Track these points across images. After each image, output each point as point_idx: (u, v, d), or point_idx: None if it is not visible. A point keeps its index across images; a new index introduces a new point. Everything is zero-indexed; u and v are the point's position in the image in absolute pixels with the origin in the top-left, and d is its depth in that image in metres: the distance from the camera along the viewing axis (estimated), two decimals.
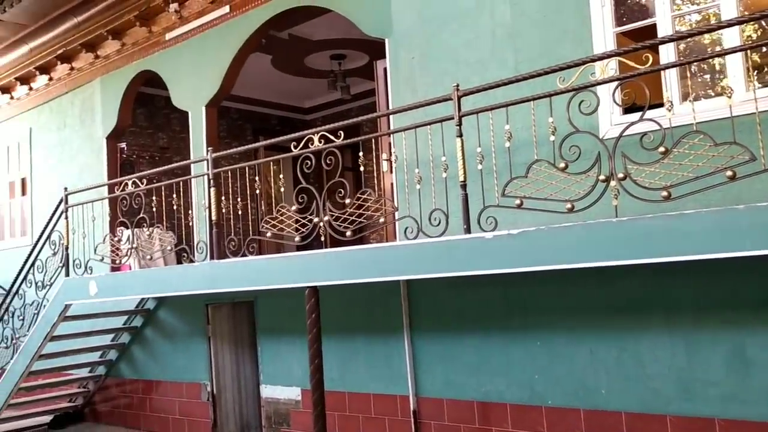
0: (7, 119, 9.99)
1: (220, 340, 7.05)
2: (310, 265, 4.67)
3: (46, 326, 6.89)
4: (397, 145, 4.81)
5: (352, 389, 5.67)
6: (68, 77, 8.83)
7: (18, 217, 9.84)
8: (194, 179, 6.62)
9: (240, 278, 5.18)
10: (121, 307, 7.65)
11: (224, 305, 7.10)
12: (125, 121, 8.21)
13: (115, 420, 7.89)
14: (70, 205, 6.91)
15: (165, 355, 7.42)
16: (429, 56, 5.29)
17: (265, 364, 6.45)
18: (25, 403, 7.83)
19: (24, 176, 9.69)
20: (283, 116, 10.86)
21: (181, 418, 7.14)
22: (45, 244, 7.22)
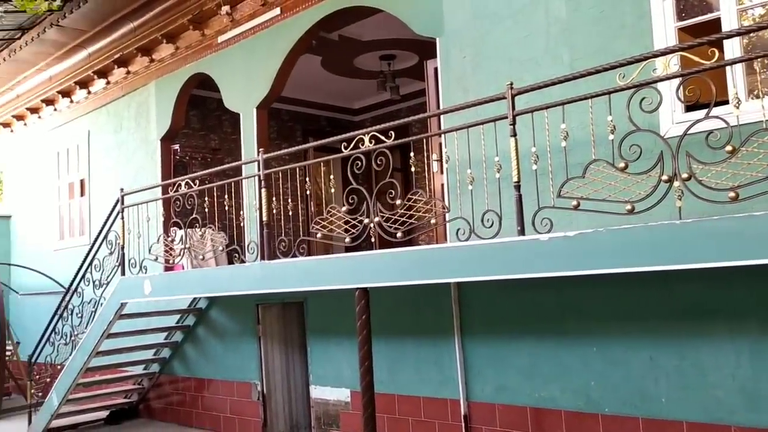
0: (67, 122, 10.30)
1: (270, 340, 7.10)
2: (361, 266, 4.64)
3: (103, 324, 7.06)
4: (448, 146, 4.73)
5: (401, 392, 5.62)
6: (125, 81, 9.04)
7: (77, 218, 10.13)
8: (245, 180, 6.68)
9: (290, 279, 5.19)
10: (174, 306, 7.79)
11: (274, 305, 7.14)
12: (179, 123, 8.35)
13: (169, 417, 8.04)
14: (126, 206, 7.06)
15: (216, 354, 7.51)
16: (481, 55, 5.21)
17: (314, 365, 6.46)
18: (82, 398, 8.05)
19: (83, 178, 9.97)
20: (332, 117, 10.89)
21: (232, 416, 7.22)
22: (102, 243, 7.40)
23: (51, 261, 10.33)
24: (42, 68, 9.58)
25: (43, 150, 10.90)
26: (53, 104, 10.41)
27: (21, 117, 11.21)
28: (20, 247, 11.42)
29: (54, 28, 8.25)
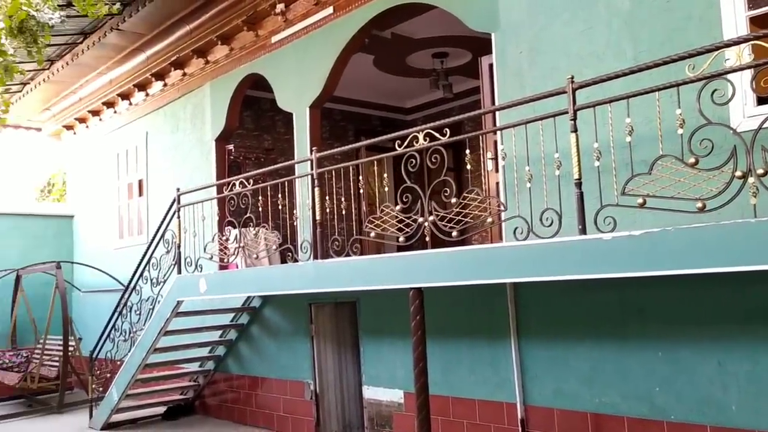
0: (126, 124, 10.56)
1: (323, 339, 7.10)
2: (415, 265, 4.57)
3: (160, 321, 7.19)
4: (505, 143, 4.62)
5: (455, 394, 5.52)
6: (181, 82, 9.20)
7: (135, 217, 10.37)
8: (298, 179, 6.70)
9: (343, 278, 5.16)
10: (229, 305, 7.88)
11: (327, 305, 7.13)
12: (233, 123, 8.45)
13: (223, 414, 8.13)
14: (182, 205, 7.17)
15: (270, 353, 7.56)
16: (538, 50, 5.07)
17: (367, 365, 6.42)
18: (141, 393, 8.22)
19: (141, 178, 10.20)
20: (384, 117, 10.86)
21: (285, 415, 7.25)
22: (159, 242, 7.54)
23: (111, 259, 10.60)
24: (102, 72, 9.84)
25: (104, 151, 11.20)
26: (113, 107, 10.69)
27: (83, 119, 11.55)
28: (82, 246, 11.77)
29: (114, 32, 8.46)
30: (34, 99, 11.12)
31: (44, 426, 8.49)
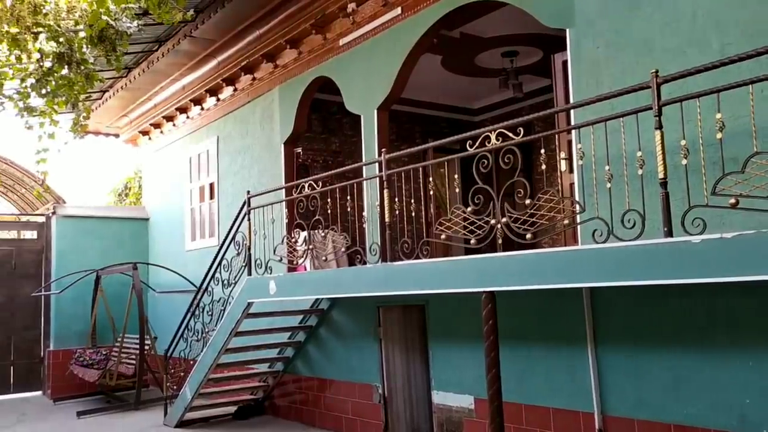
0: (198, 129, 10.83)
1: (391, 342, 7.04)
2: (487, 268, 4.45)
3: (231, 322, 7.30)
4: (582, 141, 4.45)
5: (529, 401, 5.36)
6: (250, 87, 9.36)
7: (207, 220, 10.61)
8: (366, 181, 6.68)
9: (412, 281, 5.08)
10: (298, 307, 7.94)
11: (395, 308, 7.08)
12: (301, 126, 8.52)
13: (292, 415, 8.19)
14: (252, 208, 7.27)
15: (338, 355, 7.56)
16: (616, 45, 4.86)
17: (436, 370, 6.32)
18: (212, 393, 8.38)
19: (212, 181, 10.43)
20: (451, 118, 10.73)
21: (353, 418, 7.23)
22: (230, 244, 7.67)
23: (184, 261, 10.89)
24: (176, 78, 10.12)
25: (177, 156, 11.53)
26: (186, 112, 10.98)
27: (157, 125, 11.91)
28: (157, 248, 12.14)
29: (187, 39, 8.67)
30: (112, 106, 11.55)
31: (122, 422, 8.76)
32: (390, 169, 5.47)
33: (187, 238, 11.06)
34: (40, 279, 11.59)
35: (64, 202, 11.88)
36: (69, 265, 11.19)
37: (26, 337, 11.48)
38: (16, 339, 11.39)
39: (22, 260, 11.57)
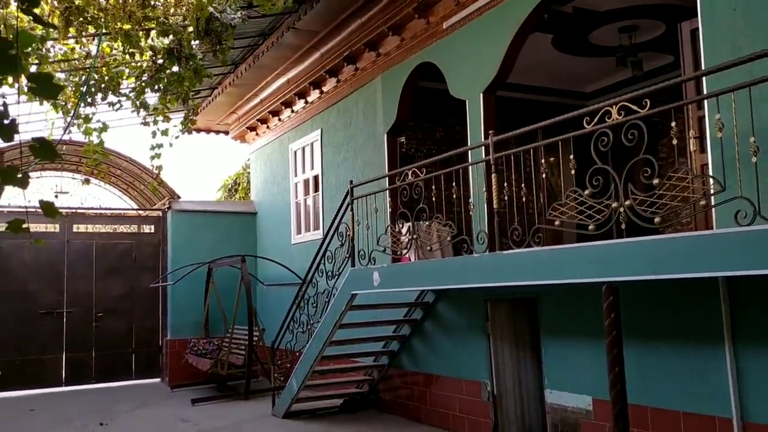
0: (302, 122, 10.90)
1: (500, 337, 6.70)
2: (608, 257, 4.05)
3: (336, 314, 7.22)
4: (713, 115, 3.95)
5: (654, 404, 4.88)
6: (353, 78, 9.27)
7: (311, 213, 10.67)
8: (472, 167, 6.38)
9: (523, 271, 4.75)
10: (402, 299, 7.75)
11: (503, 301, 6.73)
12: (404, 115, 8.32)
13: (398, 410, 8.02)
14: (355, 198, 7.14)
15: (444, 350, 7.30)
16: (758, 4, 4.29)
17: (549, 368, 5.92)
18: (318, 385, 8.36)
19: (316, 174, 10.47)
20: (560, 104, 10.13)
21: (461, 415, 6.95)
22: (334, 235, 7.59)
23: (290, 254, 11.01)
24: (281, 72, 10.21)
25: (282, 150, 11.67)
26: (291, 106, 11.08)
27: (264, 120, 12.12)
28: (264, 241, 12.37)
29: (290, 31, 8.69)
30: (221, 103, 11.85)
31: (233, 410, 8.93)
32: (498, 152, 5.14)
33: (293, 231, 11.17)
34: (158, 271, 12.11)
35: (179, 198, 12.34)
36: (183, 257, 11.61)
37: (146, 326, 12.04)
38: (136, 328, 11.97)
39: (141, 253, 12.15)
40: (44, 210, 2.48)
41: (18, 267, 11.22)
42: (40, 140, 2.40)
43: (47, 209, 2.48)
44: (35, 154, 2.41)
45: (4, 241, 11.18)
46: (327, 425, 7.72)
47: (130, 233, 12.28)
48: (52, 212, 2.50)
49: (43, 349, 11.25)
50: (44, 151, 2.39)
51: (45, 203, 2.48)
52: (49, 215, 2.50)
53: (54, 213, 2.50)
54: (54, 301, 11.40)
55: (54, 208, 2.51)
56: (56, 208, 2.53)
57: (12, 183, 2.40)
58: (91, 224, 12.05)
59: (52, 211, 2.50)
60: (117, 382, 11.65)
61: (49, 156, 2.41)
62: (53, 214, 2.50)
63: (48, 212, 2.49)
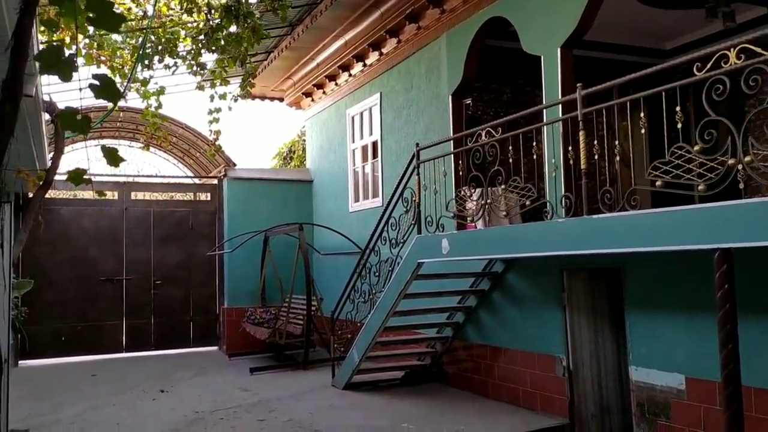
0: (360, 86, 10.52)
1: (576, 310, 6.27)
2: (722, 220, 3.59)
3: (400, 284, 6.91)
4: None
5: (761, 384, 4.41)
6: (415, 37, 8.82)
7: (370, 180, 10.34)
8: (547, 128, 5.92)
9: (617, 237, 4.31)
10: (468, 269, 7.39)
11: (581, 271, 6.29)
12: (470, 76, 7.86)
13: (462, 384, 7.71)
14: (422, 161, 6.77)
15: (514, 322, 6.92)
16: None
17: (635, 343, 5.48)
18: (379, 357, 8.11)
19: (375, 140, 10.11)
20: (636, 62, 9.45)
21: (532, 391, 6.58)
22: (398, 201, 7.25)
23: (347, 222, 10.74)
24: (338, 34, 9.83)
25: (339, 116, 11.35)
26: (348, 70, 10.70)
27: (320, 85, 11.79)
28: (320, 210, 12.12)
29: None
30: (277, 67, 11.57)
31: (292, 380, 8.78)
32: (587, 108, 4.68)
33: (351, 199, 10.88)
34: (214, 239, 12.04)
35: (235, 165, 12.18)
36: (239, 225, 11.48)
37: (203, 294, 12.01)
38: (194, 296, 11.95)
39: (198, 221, 12.08)
40: (107, 156, 2.19)
41: (78, 234, 11.28)
42: (102, 77, 2.11)
43: (110, 155, 2.19)
44: (97, 95, 2.12)
45: (64, 208, 11.24)
46: (390, 397, 7.47)
47: (186, 201, 12.21)
48: (114, 159, 2.21)
49: (103, 315, 11.34)
50: (108, 91, 2.10)
51: (108, 149, 2.19)
52: (112, 162, 2.22)
53: (117, 160, 2.21)
54: (113, 268, 11.45)
55: (117, 154, 2.22)
56: (119, 155, 2.24)
57: (73, 126, 2.12)
58: (149, 192, 12.02)
59: (115, 157, 2.21)
60: (175, 349, 11.69)
61: (113, 95, 2.12)
62: (116, 161, 2.21)
63: (111, 159, 2.21)
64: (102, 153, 2.20)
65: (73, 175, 2.25)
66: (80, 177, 2.25)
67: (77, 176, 2.24)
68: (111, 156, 2.19)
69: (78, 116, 2.10)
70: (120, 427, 6.57)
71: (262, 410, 7.09)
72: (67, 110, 2.11)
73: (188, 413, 7.04)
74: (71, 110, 2.10)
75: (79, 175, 2.25)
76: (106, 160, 2.21)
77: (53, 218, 11.02)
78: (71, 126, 2.12)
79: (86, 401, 7.78)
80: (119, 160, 2.22)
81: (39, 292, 10.22)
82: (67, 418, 6.99)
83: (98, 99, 2.14)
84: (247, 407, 7.25)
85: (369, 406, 7.08)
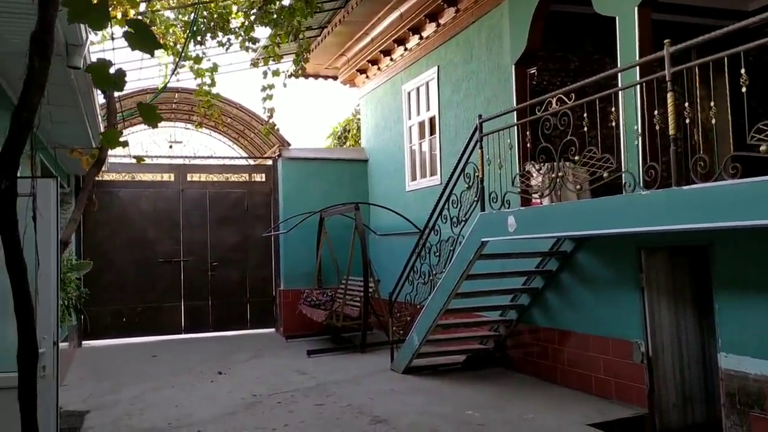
0: (416, 60, 10.13)
1: (656, 292, 5.79)
2: None
3: (462, 264, 6.57)
4: None
5: None
6: (475, 5, 8.37)
7: (427, 157, 9.98)
8: (622, 95, 5.43)
9: (715, 210, 3.84)
10: (534, 248, 6.97)
11: (661, 249, 5.80)
12: (535, 44, 7.36)
13: (528, 369, 7.32)
14: (485, 134, 6.36)
15: (585, 305, 6.48)
16: None
17: (724, 328, 4.98)
18: (440, 340, 7.80)
19: (432, 115, 9.73)
20: (715, 26, 8.76)
21: (606, 378, 6.15)
22: (459, 178, 6.87)
23: (404, 202, 10.42)
24: (393, 6, 9.46)
25: (395, 92, 10.99)
26: (404, 43, 10.32)
27: (375, 61, 11.45)
28: (376, 190, 11.83)
29: None
30: (330, 43, 11.28)
31: (350, 364, 8.57)
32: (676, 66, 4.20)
33: (407, 178, 10.55)
34: (269, 220, 11.92)
35: (289, 146, 12.00)
36: (294, 206, 11.31)
37: (259, 276, 11.93)
38: (250, 278, 11.88)
39: (253, 202, 11.97)
40: (143, 114, 1.92)
41: (136, 216, 11.32)
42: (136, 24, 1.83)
43: (147, 113, 1.92)
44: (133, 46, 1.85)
45: (123, 190, 11.29)
46: (451, 382, 7.15)
47: (241, 182, 12.11)
48: (151, 117, 1.93)
49: (162, 297, 11.38)
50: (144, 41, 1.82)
51: (144, 106, 1.92)
52: (148, 121, 1.94)
53: (154, 118, 1.94)
54: (171, 249, 11.46)
55: (155, 113, 1.95)
56: (157, 114, 1.97)
57: (105, 82, 1.86)
58: (204, 174, 11.96)
59: (153, 116, 1.93)
60: (233, 331, 11.67)
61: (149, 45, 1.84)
62: (153, 119, 1.93)
63: (147, 117, 1.93)
64: (138, 111, 1.93)
65: (108, 137, 2.00)
66: (115, 138, 1.99)
67: (112, 137, 1.98)
68: (148, 114, 1.92)
69: (109, 70, 1.83)
70: (178, 409, 6.48)
71: (320, 394, 6.88)
72: (97, 62, 1.84)
73: (246, 396, 6.90)
74: (102, 62, 1.83)
75: (114, 136, 1.99)
76: (143, 118, 1.94)
77: (112, 200, 11.08)
78: (103, 82, 1.86)
79: (146, 382, 7.75)
80: (157, 119, 1.95)
81: (99, 273, 10.31)
82: (127, 399, 6.94)
83: (134, 50, 1.87)
84: (305, 391, 7.06)
85: (430, 392, 6.79)
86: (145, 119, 1.94)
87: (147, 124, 2.00)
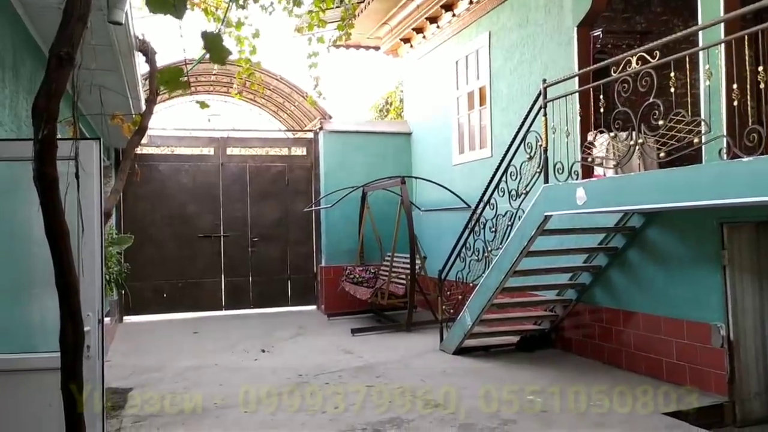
0: (465, 27, 9.62)
1: (740, 271, 5.31)
2: None
3: (522, 240, 6.15)
4: None
5: None
6: None
7: (477, 130, 9.52)
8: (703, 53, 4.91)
9: None
10: (598, 224, 6.52)
11: (746, 224, 5.31)
12: (600, 3, 6.84)
13: (588, 352, 6.91)
14: (549, 100, 5.90)
15: (655, 284, 6.02)
16: None
17: None
18: (494, 320, 7.42)
19: (482, 85, 9.24)
20: None
21: (679, 363, 5.71)
22: (518, 148, 6.43)
23: (450, 176, 10.00)
24: None
25: (441, 61, 10.50)
26: (451, 9, 9.82)
27: (420, 29, 10.96)
28: (420, 164, 11.41)
29: None
30: (374, 10, 10.83)
31: (397, 343, 8.25)
32: None
33: (454, 151, 10.10)
34: (310, 195, 11.61)
35: (330, 118, 11.63)
36: (336, 181, 10.98)
37: (300, 252, 11.66)
38: (291, 254, 11.62)
39: (293, 176, 11.68)
40: (211, 48, 1.56)
41: (176, 190, 11.11)
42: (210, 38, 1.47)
43: (213, 45, 1.56)
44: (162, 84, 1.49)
45: (162, 164, 11.08)
46: (506, 364, 6.79)
47: (282, 156, 11.79)
48: (218, 50, 1.57)
49: (203, 272, 11.19)
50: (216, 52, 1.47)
51: (210, 35, 1.56)
52: (216, 55, 1.58)
53: (221, 51, 1.58)
54: (211, 224, 11.25)
55: (222, 45, 1.59)
56: (225, 46, 1.61)
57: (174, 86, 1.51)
58: (244, 147, 11.68)
59: (219, 48, 1.57)
60: (274, 308, 11.45)
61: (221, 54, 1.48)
62: (220, 54, 1.57)
63: (215, 51, 1.57)
64: (204, 44, 1.57)
65: (167, 76, 1.64)
66: (176, 78, 1.64)
67: (172, 76, 1.63)
68: (214, 46, 1.56)
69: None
70: (223, 387, 6.24)
71: (369, 375, 6.58)
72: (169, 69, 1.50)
73: (291, 376, 6.63)
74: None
75: (175, 75, 1.63)
76: (210, 52, 1.59)
77: (152, 174, 10.88)
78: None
79: (189, 359, 7.55)
80: (224, 52, 1.58)
81: (140, 248, 10.14)
82: (171, 376, 6.74)
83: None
84: (353, 371, 6.76)
85: (485, 374, 6.43)
86: (211, 55, 1.58)
87: (214, 61, 1.65)
